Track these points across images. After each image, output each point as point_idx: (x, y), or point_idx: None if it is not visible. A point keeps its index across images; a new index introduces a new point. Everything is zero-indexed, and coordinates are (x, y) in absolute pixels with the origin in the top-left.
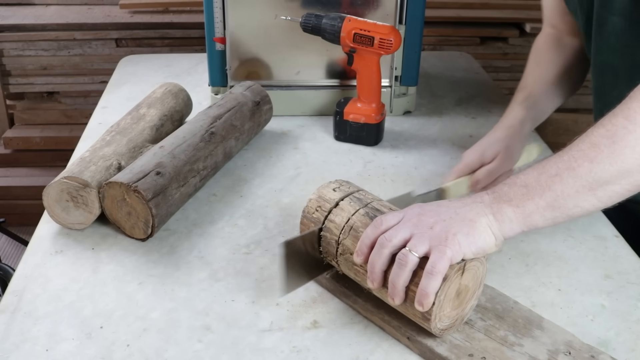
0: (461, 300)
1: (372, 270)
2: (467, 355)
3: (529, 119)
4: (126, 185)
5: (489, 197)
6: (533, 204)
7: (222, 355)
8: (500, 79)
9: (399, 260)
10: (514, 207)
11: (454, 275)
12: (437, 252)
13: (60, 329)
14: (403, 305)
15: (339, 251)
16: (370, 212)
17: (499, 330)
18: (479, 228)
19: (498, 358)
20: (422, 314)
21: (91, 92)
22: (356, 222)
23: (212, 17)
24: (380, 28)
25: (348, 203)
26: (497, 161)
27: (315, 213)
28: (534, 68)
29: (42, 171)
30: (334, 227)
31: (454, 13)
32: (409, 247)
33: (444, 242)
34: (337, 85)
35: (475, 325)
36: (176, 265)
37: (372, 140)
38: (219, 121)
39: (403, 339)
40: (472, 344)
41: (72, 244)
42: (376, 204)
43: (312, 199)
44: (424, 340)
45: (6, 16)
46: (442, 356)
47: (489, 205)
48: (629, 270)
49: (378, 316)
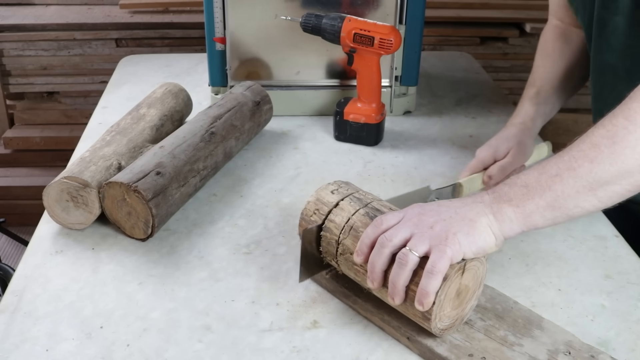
0: (461, 300)
1: (373, 270)
2: (467, 355)
3: (540, 115)
4: (126, 185)
5: (489, 197)
6: (533, 204)
7: (222, 355)
8: (500, 79)
9: (399, 260)
10: (514, 207)
11: (454, 275)
12: (437, 251)
13: (60, 329)
14: (403, 305)
15: (339, 251)
16: (370, 212)
17: (498, 330)
18: (479, 228)
19: (498, 358)
20: (423, 314)
21: (91, 92)
22: (356, 222)
23: (212, 17)
24: (380, 28)
25: (348, 203)
26: (509, 157)
27: (312, 216)
28: (543, 61)
29: (42, 171)
30: (334, 226)
31: (454, 13)
32: (409, 247)
33: (444, 241)
34: (337, 85)
35: (475, 325)
36: (176, 265)
37: (372, 140)
38: (219, 121)
39: (403, 339)
40: (472, 344)
41: (72, 244)
42: (376, 204)
43: (310, 202)
44: (424, 341)
45: (6, 16)
46: (442, 356)
47: (489, 205)
48: (629, 270)
49: (378, 316)
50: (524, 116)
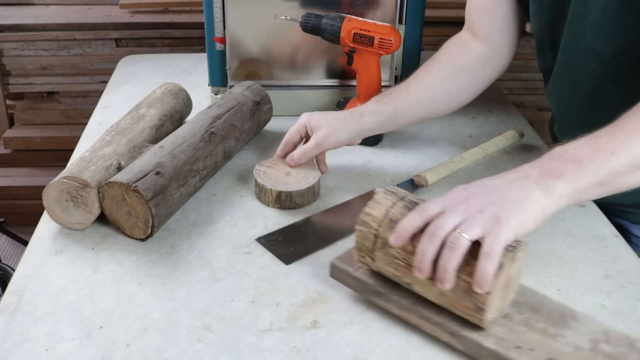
0: (507, 292)
1: (422, 259)
2: (515, 347)
3: (373, 111)
4: (126, 185)
5: (535, 171)
6: (586, 181)
7: (222, 355)
8: (500, 79)
9: (450, 244)
10: (566, 182)
11: (508, 262)
12: (492, 234)
13: (60, 329)
14: (451, 298)
15: (377, 245)
16: (408, 205)
17: (537, 322)
18: (529, 206)
19: (545, 349)
20: (476, 305)
21: (91, 92)
22: (396, 215)
23: (212, 17)
24: (380, 28)
25: (384, 196)
26: (311, 142)
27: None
28: (427, 68)
29: (42, 171)
30: (371, 219)
31: (454, 13)
32: (461, 230)
33: (497, 225)
34: (337, 85)
35: (513, 318)
36: (176, 265)
37: (372, 140)
38: (218, 121)
39: (444, 335)
40: (516, 336)
41: (72, 244)
42: (412, 197)
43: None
44: (470, 335)
45: (6, 16)
46: (490, 349)
47: (537, 180)
48: (629, 270)
49: (415, 313)
50: (355, 109)
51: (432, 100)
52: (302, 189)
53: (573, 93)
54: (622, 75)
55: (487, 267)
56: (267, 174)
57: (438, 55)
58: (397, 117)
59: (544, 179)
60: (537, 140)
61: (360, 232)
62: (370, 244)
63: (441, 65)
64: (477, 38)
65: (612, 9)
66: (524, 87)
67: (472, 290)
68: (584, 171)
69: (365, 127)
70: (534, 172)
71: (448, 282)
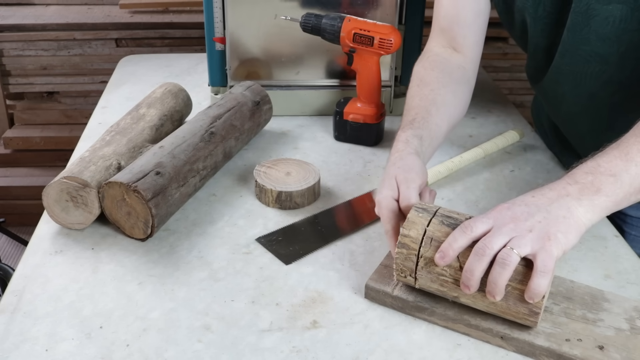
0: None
1: (471, 277)
2: (565, 340)
3: (415, 136)
4: (126, 185)
5: (573, 188)
6: (623, 192)
7: (222, 355)
8: (500, 79)
9: (501, 260)
10: (605, 196)
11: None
12: (543, 252)
13: (60, 329)
14: (503, 306)
15: (420, 265)
16: (444, 220)
17: (575, 310)
18: (573, 224)
19: (591, 337)
20: (530, 310)
21: (91, 92)
22: (435, 233)
23: (212, 17)
24: (380, 28)
25: (416, 215)
26: (402, 191)
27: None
28: (420, 89)
29: (42, 171)
30: (410, 241)
31: None
32: (511, 246)
33: (547, 242)
34: (337, 85)
35: (553, 311)
36: (176, 265)
37: (372, 140)
38: (218, 121)
39: (495, 339)
40: (562, 329)
41: (71, 244)
42: (443, 210)
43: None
44: (520, 336)
45: (6, 16)
46: (544, 347)
47: (577, 198)
48: (629, 270)
49: (462, 323)
50: (397, 144)
51: (452, 124)
52: (302, 189)
53: (577, 92)
54: (629, 76)
55: (542, 284)
56: (267, 174)
57: (430, 77)
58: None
59: (584, 195)
60: (537, 140)
61: (401, 254)
62: (412, 264)
63: (441, 86)
64: (457, 51)
65: (615, 16)
66: (524, 87)
67: (524, 298)
68: (620, 183)
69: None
70: (573, 190)
71: (499, 295)
